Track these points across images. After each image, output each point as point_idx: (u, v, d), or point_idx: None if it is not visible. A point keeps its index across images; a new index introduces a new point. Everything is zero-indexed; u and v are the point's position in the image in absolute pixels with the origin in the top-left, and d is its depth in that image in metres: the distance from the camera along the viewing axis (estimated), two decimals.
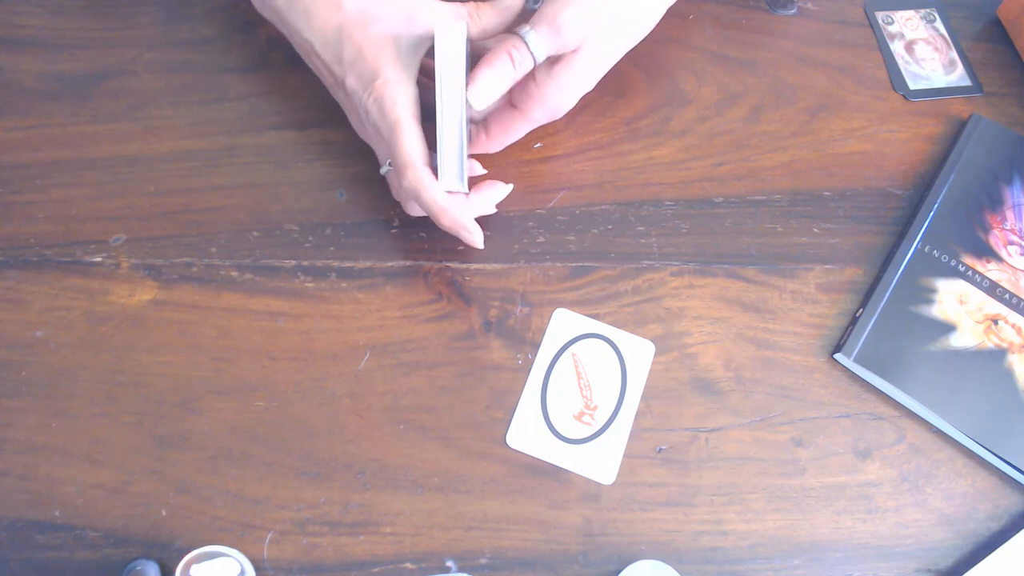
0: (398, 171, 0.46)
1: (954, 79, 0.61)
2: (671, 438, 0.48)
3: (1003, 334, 0.51)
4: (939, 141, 0.58)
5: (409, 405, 0.48)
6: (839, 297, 0.52)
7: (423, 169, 0.46)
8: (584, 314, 0.50)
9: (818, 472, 0.48)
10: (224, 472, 0.45)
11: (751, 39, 0.60)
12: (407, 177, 0.46)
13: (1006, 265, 0.53)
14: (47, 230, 0.51)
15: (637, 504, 0.46)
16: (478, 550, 0.45)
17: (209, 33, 0.57)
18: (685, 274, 0.52)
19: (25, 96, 0.54)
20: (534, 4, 0.59)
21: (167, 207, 0.52)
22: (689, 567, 0.45)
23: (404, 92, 0.46)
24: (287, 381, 0.48)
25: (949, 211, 0.54)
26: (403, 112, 0.46)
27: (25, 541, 0.43)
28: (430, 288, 0.51)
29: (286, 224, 0.52)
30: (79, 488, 0.45)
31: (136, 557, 0.43)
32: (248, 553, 0.42)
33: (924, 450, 0.49)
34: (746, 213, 0.54)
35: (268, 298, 0.50)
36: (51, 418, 0.46)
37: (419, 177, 0.46)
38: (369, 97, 0.46)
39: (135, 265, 0.50)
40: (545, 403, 0.48)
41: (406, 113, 0.46)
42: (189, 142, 0.54)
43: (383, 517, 0.45)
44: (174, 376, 0.47)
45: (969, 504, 0.47)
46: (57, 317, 0.48)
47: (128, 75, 0.56)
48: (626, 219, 0.54)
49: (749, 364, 0.50)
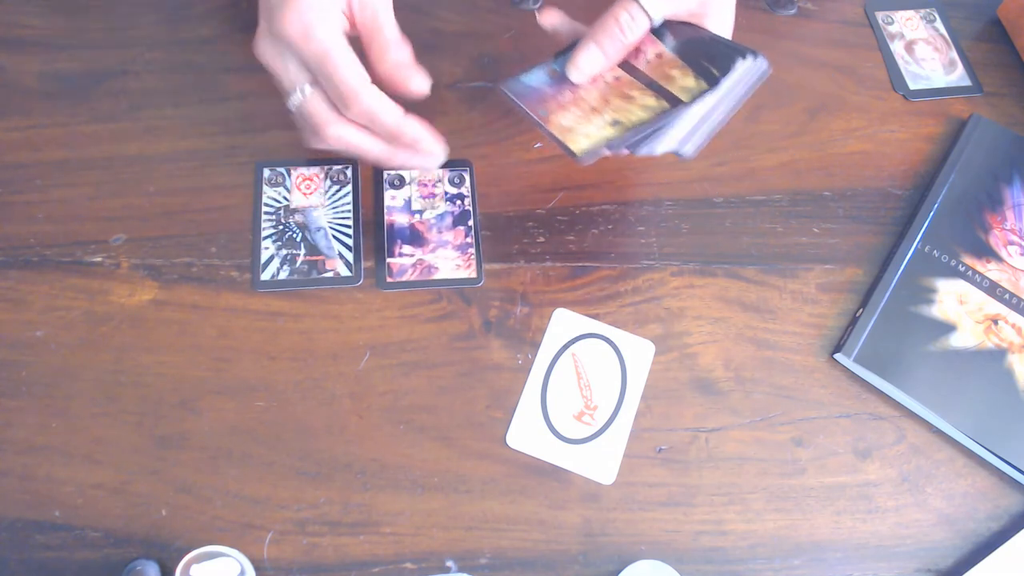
0: (344, 101, 0.44)
1: (954, 79, 0.61)
2: (671, 438, 0.48)
3: (1003, 334, 0.51)
4: (939, 141, 0.58)
5: (409, 405, 0.48)
6: (839, 297, 0.52)
7: (373, 91, 0.43)
8: (584, 314, 0.50)
9: (818, 472, 0.48)
10: (224, 472, 0.45)
11: (751, 39, 0.60)
12: (360, 104, 0.43)
13: (1006, 265, 0.53)
14: (47, 230, 0.51)
15: (637, 504, 0.46)
16: (478, 550, 0.45)
17: (209, 33, 0.57)
18: (685, 274, 0.52)
19: (25, 96, 0.54)
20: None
21: (167, 207, 0.52)
22: (689, 567, 0.45)
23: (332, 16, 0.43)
24: (287, 381, 0.48)
25: (949, 211, 0.54)
26: (334, 36, 0.43)
27: (25, 541, 0.43)
28: (430, 288, 0.51)
29: None
30: (79, 488, 0.45)
31: (136, 557, 0.43)
32: (248, 553, 0.42)
33: (924, 450, 0.49)
34: (746, 213, 0.54)
35: (268, 298, 0.50)
36: (51, 418, 0.46)
37: (373, 101, 0.43)
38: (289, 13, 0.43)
39: (135, 265, 0.50)
40: (545, 403, 0.48)
41: (338, 37, 0.43)
42: (189, 142, 0.54)
43: (383, 517, 0.45)
44: (174, 376, 0.47)
45: (969, 504, 0.47)
46: (57, 317, 0.48)
47: (128, 75, 0.56)
48: (626, 219, 0.54)
49: (749, 364, 0.50)
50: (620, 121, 0.46)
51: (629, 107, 0.46)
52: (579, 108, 0.47)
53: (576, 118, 0.46)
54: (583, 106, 0.47)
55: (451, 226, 0.52)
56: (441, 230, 0.52)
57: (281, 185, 0.53)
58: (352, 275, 0.50)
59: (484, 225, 0.52)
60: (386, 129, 0.45)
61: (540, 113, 0.47)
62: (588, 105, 0.47)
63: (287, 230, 0.51)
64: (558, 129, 0.46)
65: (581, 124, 0.46)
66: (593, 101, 0.47)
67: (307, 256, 0.51)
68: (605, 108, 0.47)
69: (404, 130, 0.45)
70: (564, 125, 0.46)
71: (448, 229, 0.52)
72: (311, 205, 0.52)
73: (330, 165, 0.53)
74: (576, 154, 0.44)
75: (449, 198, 0.53)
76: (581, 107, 0.47)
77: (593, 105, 0.47)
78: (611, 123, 0.46)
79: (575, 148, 0.45)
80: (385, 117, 0.45)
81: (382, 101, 0.44)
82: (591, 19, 0.48)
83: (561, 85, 0.48)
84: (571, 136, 0.45)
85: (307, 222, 0.52)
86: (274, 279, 0.50)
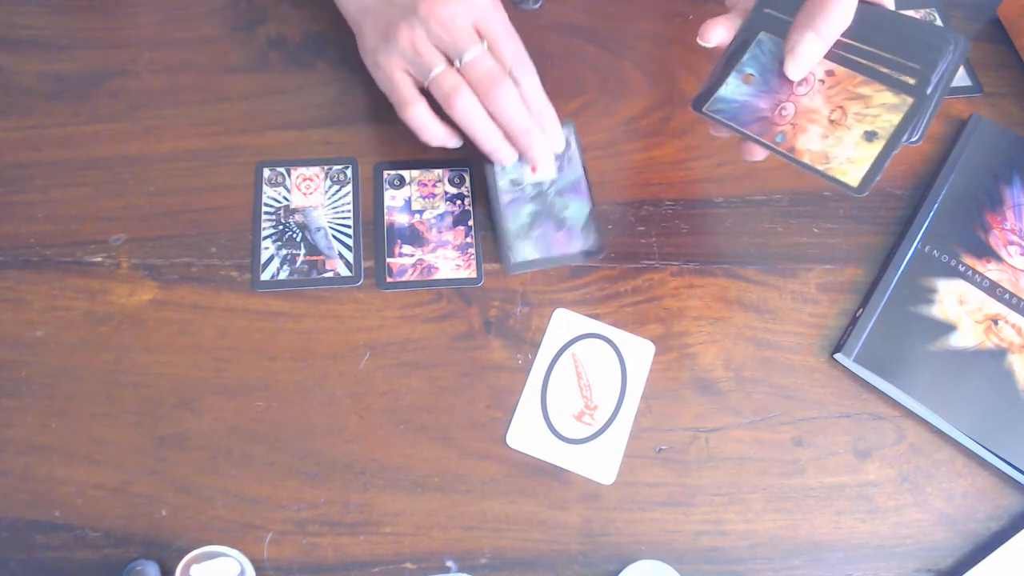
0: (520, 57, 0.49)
1: (954, 79, 0.60)
2: (671, 438, 0.48)
3: (1003, 334, 0.51)
4: (939, 141, 0.58)
5: (409, 405, 0.48)
6: (839, 297, 0.52)
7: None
8: (584, 314, 0.50)
9: (818, 472, 0.48)
10: (224, 472, 0.45)
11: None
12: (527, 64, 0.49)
13: (1006, 265, 0.53)
14: (47, 230, 0.51)
15: (637, 504, 0.46)
16: (478, 550, 0.45)
17: (209, 33, 0.57)
18: (685, 274, 0.52)
19: (25, 96, 0.54)
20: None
21: (167, 207, 0.52)
22: (689, 567, 0.45)
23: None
24: (287, 381, 0.48)
25: (949, 211, 0.54)
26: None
27: (25, 541, 0.43)
28: (430, 288, 0.51)
29: None
30: (79, 488, 0.45)
31: (136, 557, 0.43)
32: (248, 553, 0.42)
33: (924, 450, 0.49)
34: (746, 213, 0.54)
35: (268, 298, 0.50)
36: (51, 418, 0.46)
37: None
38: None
39: (135, 265, 0.50)
40: (545, 403, 0.48)
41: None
42: (189, 142, 0.54)
43: (383, 517, 0.45)
44: (174, 376, 0.47)
45: (969, 504, 0.47)
46: (57, 317, 0.48)
47: (128, 75, 0.56)
48: (626, 219, 0.54)
49: (749, 364, 0.50)
50: (875, 132, 0.41)
51: (871, 111, 0.42)
52: (816, 123, 0.42)
53: (822, 138, 0.42)
54: (819, 119, 0.42)
55: (451, 226, 0.52)
56: (441, 230, 0.52)
57: (281, 185, 0.53)
58: (352, 275, 0.50)
59: (484, 225, 0.52)
60: (537, 102, 0.49)
61: (777, 140, 0.43)
62: (823, 117, 0.42)
63: (287, 230, 0.51)
64: (812, 158, 0.42)
65: (833, 146, 0.42)
66: (823, 109, 0.43)
67: (307, 256, 0.51)
68: (844, 117, 0.42)
69: (546, 109, 0.49)
70: (816, 151, 0.42)
71: (448, 229, 0.52)
72: (311, 205, 0.52)
73: (330, 165, 0.53)
74: (855, 187, 0.41)
75: (449, 198, 0.53)
76: (818, 121, 0.42)
77: (830, 117, 0.42)
78: (865, 137, 0.41)
79: (850, 181, 0.41)
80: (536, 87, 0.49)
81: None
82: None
83: (770, 94, 0.44)
84: (835, 167, 0.41)
85: (307, 222, 0.52)
86: (274, 279, 0.50)
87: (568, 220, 0.51)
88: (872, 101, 0.42)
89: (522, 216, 0.51)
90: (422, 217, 0.52)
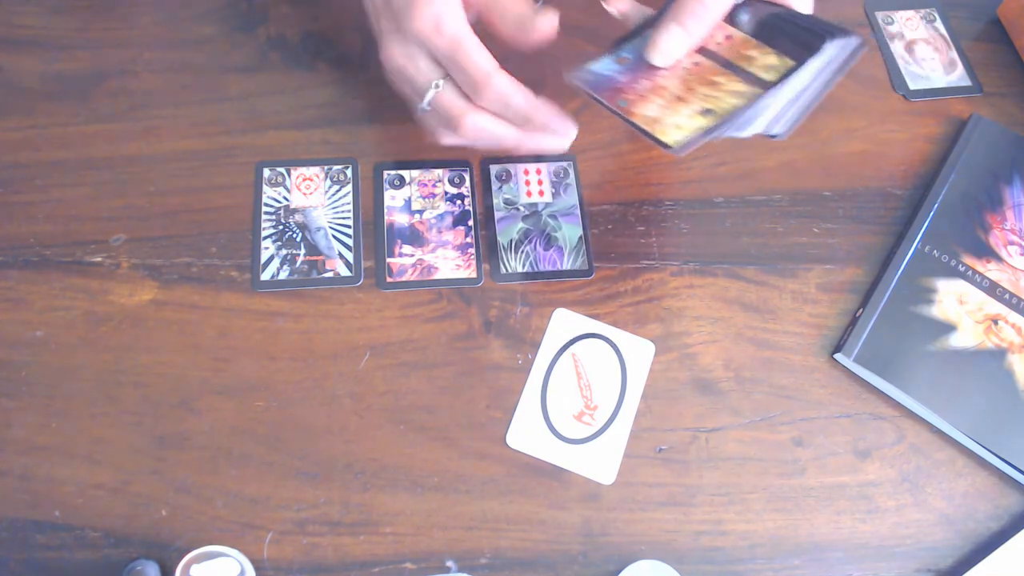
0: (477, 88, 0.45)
1: (954, 79, 0.61)
2: (671, 438, 0.48)
3: (1003, 334, 0.51)
4: (939, 141, 0.58)
5: (409, 405, 0.48)
6: (839, 297, 0.52)
7: (503, 76, 0.45)
8: (584, 314, 0.50)
9: (818, 472, 0.48)
10: (224, 472, 0.45)
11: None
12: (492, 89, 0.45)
13: (1006, 265, 0.53)
14: (47, 230, 0.51)
15: (637, 504, 0.46)
16: (478, 550, 0.45)
17: (209, 33, 0.57)
18: (685, 274, 0.52)
19: (25, 96, 0.54)
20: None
21: (167, 207, 0.52)
22: (689, 567, 0.45)
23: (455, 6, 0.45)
24: (287, 381, 0.48)
25: (949, 211, 0.54)
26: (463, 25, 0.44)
27: (25, 541, 0.43)
28: (430, 288, 0.51)
29: None
30: (79, 488, 0.45)
31: (136, 557, 0.43)
32: (248, 553, 0.42)
33: (924, 450, 0.49)
34: (746, 213, 0.54)
35: (268, 298, 0.50)
36: (51, 418, 0.46)
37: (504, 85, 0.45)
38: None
39: (135, 265, 0.50)
40: (545, 403, 0.48)
41: (466, 26, 0.45)
42: (189, 142, 0.54)
43: (383, 517, 0.45)
44: (174, 376, 0.47)
45: (969, 504, 0.47)
46: (57, 317, 0.48)
47: (128, 75, 0.56)
48: (626, 219, 0.54)
49: (749, 364, 0.50)
50: (712, 109, 0.44)
51: (718, 94, 0.45)
52: (661, 97, 0.45)
53: (661, 108, 0.45)
54: (665, 95, 0.45)
55: (451, 226, 0.52)
56: (441, 230, 0.52)
57: (281, 185, 0.53)
58: (352, 275, 0.50)
59: (485, 225, 0.52)
60: (519, 112, 0.46)
61: (619, 104, 0.45)
62: (671, 94, 0.45)
63: (287, 230, 0.51)
64: (643, 120, 0.44)
65: (668, 114, 0.44)
66: (676, 89, 0.45)
67: (307, 256, 0.51)
68: (691, 96, 0.45)
69: (536, 112, 0.46)
70: (649, 116, 0.44)
71: (448, 229, 0.52)
72: (311, 205, 0.52)
73: (330, 165, 0.53)
74: (670, 146, 0.43)
75: (449, 198, 0.53)
76: (664, 96, 0.45)
77: (677, 94, 0.45)
78: (701, 112, 0.44)
79: (668, 140, 0.43)
80: (517, 100, 0.45)
81: (513, 85, 0.45)
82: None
83: (634, 73, 0.46)
84: (659, 127, 0.43)
85: (307, 222, 0.52)
86: (274, 279, 0.50)
87: (559, 240, 0.52)
88: (722, 87, 0.45)
89: (512, 232, 0.52)
90: (422, 217, 0.53)
